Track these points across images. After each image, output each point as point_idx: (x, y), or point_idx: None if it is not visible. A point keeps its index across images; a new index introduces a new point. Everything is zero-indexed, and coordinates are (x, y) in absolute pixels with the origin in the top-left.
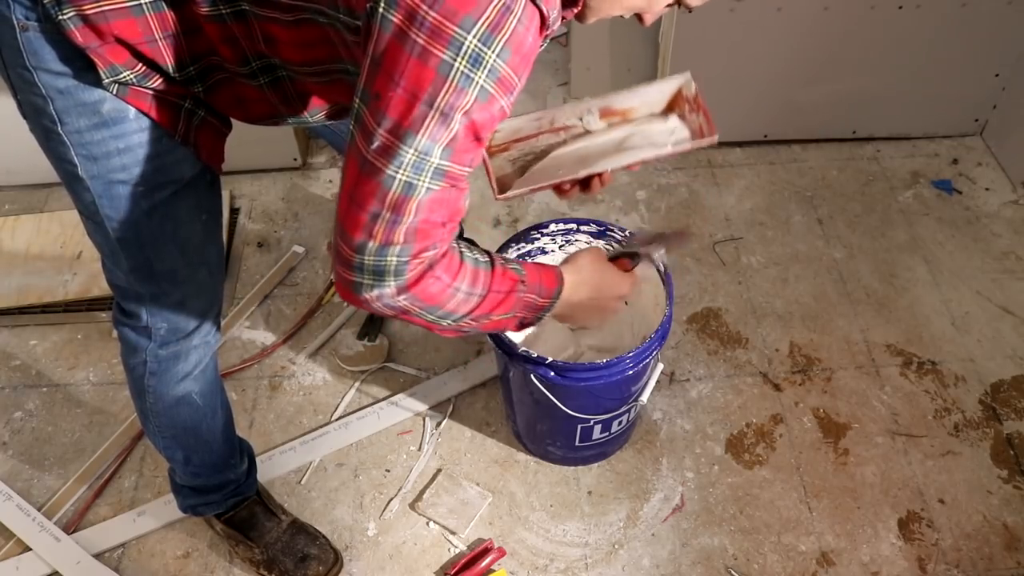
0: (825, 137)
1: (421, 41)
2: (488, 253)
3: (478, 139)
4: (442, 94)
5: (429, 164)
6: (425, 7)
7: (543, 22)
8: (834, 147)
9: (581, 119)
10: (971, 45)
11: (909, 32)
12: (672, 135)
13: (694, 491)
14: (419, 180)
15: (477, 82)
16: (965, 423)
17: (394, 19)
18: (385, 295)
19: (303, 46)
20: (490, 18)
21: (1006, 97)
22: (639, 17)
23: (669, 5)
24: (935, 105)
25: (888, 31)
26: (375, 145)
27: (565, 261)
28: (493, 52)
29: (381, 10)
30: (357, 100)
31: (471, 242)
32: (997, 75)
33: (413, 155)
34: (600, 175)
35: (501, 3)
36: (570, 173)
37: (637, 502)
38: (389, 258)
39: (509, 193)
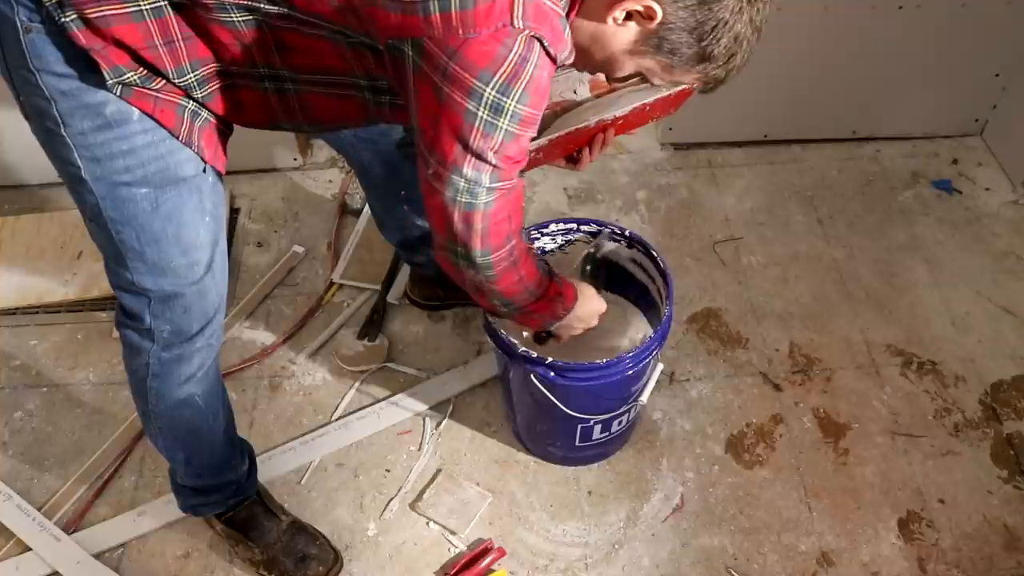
0: (825, 137)
1: (446, 89)
2: (545, 263)
3: (517, 161)
4: (471, 139)
5: (481, 187)
6: (445, 58)
7: (553, 60)
8: (834, 147)
9: (575, 92)
10: (971, 45)
11: (909, 32)
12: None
13: (694, 491)
14: (477, 200)
15: (501, 127)
16: (965, 423)
17: (421, 63)
18: (478, 280)
19: (316, 54)
20: (507, 72)
21: (1006, 97)
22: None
23: (629, 76)
24: (935, 105)
25: (888, 31)
26: (431, 171)
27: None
28: (513, 100)
29: (409, 51)
30: (413, 122)
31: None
32: (997, 75)
33: (464, 183)
34: (604, 136)
35: (517, 55)
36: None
37: (637, 502)
38: (475, 259)
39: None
